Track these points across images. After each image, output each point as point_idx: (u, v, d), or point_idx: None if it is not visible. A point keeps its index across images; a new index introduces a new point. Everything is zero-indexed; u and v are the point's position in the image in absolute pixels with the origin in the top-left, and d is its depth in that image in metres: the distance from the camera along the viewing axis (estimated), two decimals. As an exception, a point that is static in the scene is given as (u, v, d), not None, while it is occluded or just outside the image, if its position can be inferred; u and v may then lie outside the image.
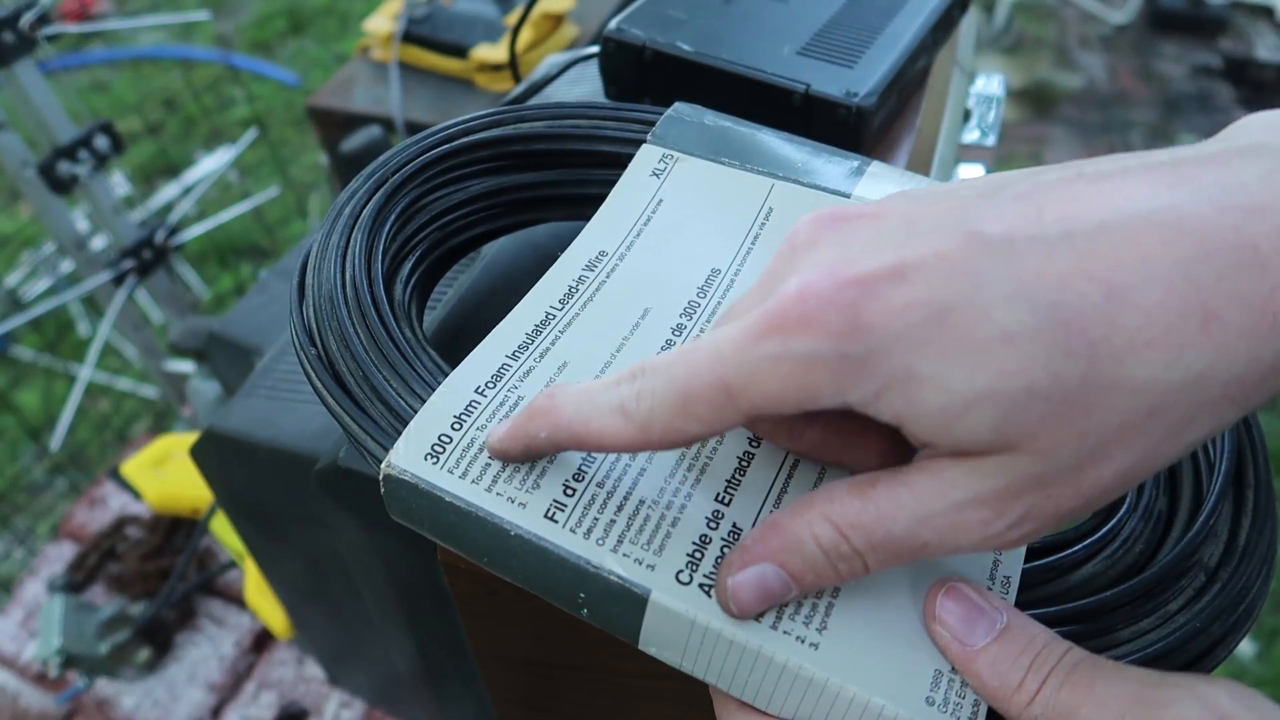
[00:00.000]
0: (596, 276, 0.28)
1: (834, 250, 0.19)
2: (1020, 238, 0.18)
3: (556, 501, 0.23)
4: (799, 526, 0.20)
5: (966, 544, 0.19)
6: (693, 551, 0.22)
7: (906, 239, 0.18)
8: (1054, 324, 0.17)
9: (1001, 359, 0.17)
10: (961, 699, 0.20)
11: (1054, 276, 0.17)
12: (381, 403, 0.25)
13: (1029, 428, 0.17)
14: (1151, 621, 0.22)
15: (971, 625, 0.21)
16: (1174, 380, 0.17)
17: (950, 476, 0.19)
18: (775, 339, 0.18)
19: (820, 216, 0.20)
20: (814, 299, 0.18)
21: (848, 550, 0.20)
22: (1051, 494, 0.18)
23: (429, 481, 0.23)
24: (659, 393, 0.20)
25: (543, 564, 0.22)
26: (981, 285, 0.17)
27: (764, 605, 0.21)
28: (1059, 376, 0.17)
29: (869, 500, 0.19)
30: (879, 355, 0.18)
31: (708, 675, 0.22)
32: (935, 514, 0.19)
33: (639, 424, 0.20)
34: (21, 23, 0.87)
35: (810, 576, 0.20)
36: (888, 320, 0.18)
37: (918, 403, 0.18)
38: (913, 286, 0.18)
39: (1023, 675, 0.20)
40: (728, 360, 0.19)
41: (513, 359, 0.26)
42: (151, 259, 1.07)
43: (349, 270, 0.28)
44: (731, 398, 0.19)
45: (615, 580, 0.21)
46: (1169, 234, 0.17)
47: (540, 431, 0.22)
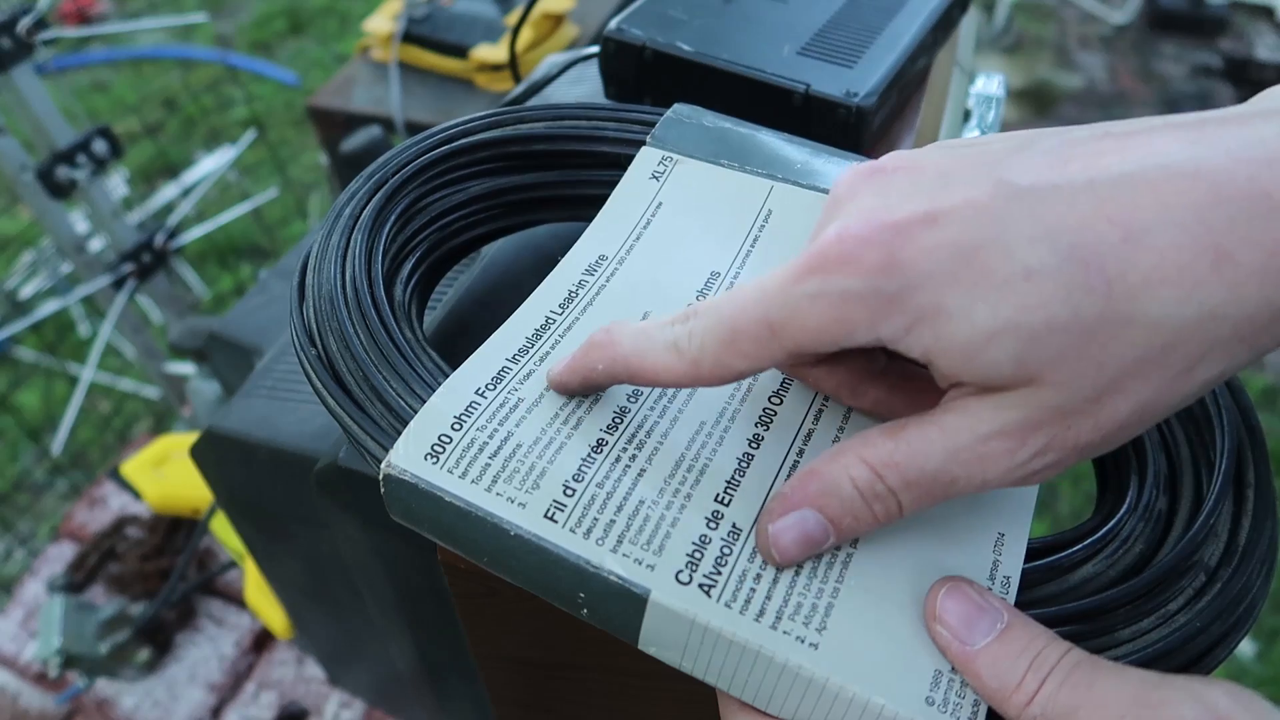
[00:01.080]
0: (596, 281, 0.28)
1: (872, 199, 0.20)
2: (1045, 186, 0.19)
3: (556, 501, 0.23)
4: (835, 470, 0.21)
5: (994, 476, 0.20)
6: (693, 552, 0.22)
7: (940, 188, 0.20)
8: (1074, 263, 0.18)
9: (1023, 294, 0.18)
10: (961, 699, 0.20)
11: (1075, 220, 0.18)
12: (381, 403, 0.25)
13: (1048, 360, 0.18)
14: (1151, 621, 0.22)
15: (972, 625, 0.21)
16: (1187, 317, 0.18)
17: (976, 412, 0.20)
18: (815, 278, 0.20)
19: (860, 170, 0.21)
20: (852, 240, 0.19)
21: (883, 490, 0.21)
22: (1071, 425, 0.19)
23: (429, 481, 0.23)
24: (709, 330, 0.22)
25: (542, 564, 0.22)
26: (1007, 228, 0.18)
27: (805, 552, 0.22)
28: (1077, 311, 0.18)
29: (901, 440, 0.20)
30: (910, 291, 0.19)
31: (707, 675, 0.22)
32: (963, 448, 0.20)
33: (690, 359, 0.22)
34: (19, 28, 0.87)
35: (848, 520, 0.21)
36: (919, 259, 0.19)
37: (945, 336, 0.19)
38: (944, 229, 0.19)
39: (1022, 675, 0.20)
40: (771, 298, 0.20)
41: (513, 362, 0.26)
42: (151, 262, 1.07)
43: (349, 271, 0.28)
44: (774, 333, 0.20)
45: (615, 580, 0.21)
46: (1186, 182, 0.18)
47: (598, 364, 0.24)
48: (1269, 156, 0.18)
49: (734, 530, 0.22)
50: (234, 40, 2.45)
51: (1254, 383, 1.54)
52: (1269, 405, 1.52)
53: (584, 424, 0.24)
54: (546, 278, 0.29)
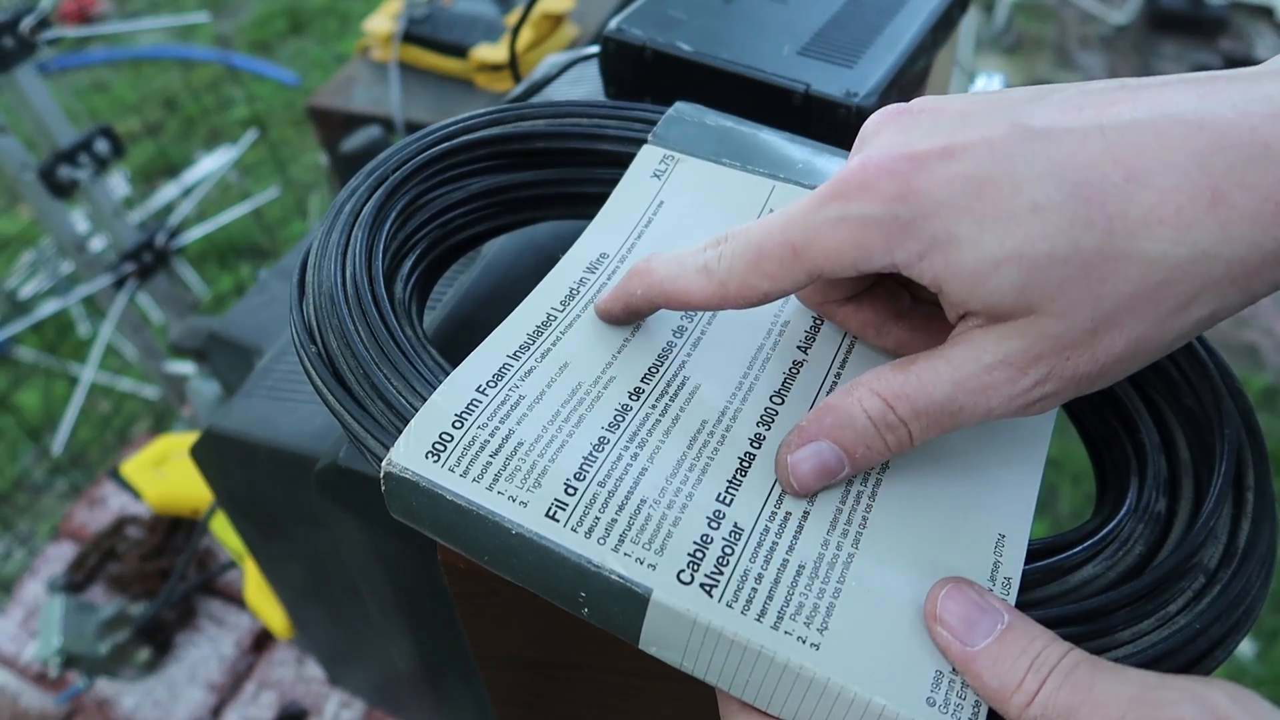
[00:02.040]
0: (598, 278, 0.28)
1: (895, 135, 0.22)
2: (1058, 129, 0.20)
3: (558, 500, 0.23)
4: (850, 403, 0.22)
5: (997, 405, 0.21)
6: (694, 551, 0.22)
7: (960, 127, 0.21)
8: (1078, 199, 0.19)
9: (1028, 227, 0.19)
10: (962, 699, 0.20)
11: (1083, 159, 0.19)
12: (382, 401, 0.25)
13: (1049, 291, 0.20)
14: (1152, 623, 0.22)
15: (972, 626, 0.21)
16: (1181, 256, 0.19)
17: (981, 343, 0.21)
18: (837, 203, 0.21)
19: (888, 110, 0.23)
20: (873, 169, 0.21)
21: (894, 420, 0.22)
22: (1070, 356, 0.20)
23: (430, 480, 0.23)
24: (737, 252, 0.23)
25: (544, 563, 0.22)
26: (1018, 165, 0.20)
27: (821, 481, 0.23)
28: (1078, 245, 0.19)
29: (911, 373, 0.22)
30: (924, 219, 0.20)
31: (708, 675, 0.22)
32: (969, 378, 0.21)
33: (719, 280, 0.23)
34: (21, 27, 0.87)
35: (861, 450, 0.22)
36: (934, 189, 0.20)
37: (954, 263, 0.20)
38: (959, 163, 0.20)
39: (1022, 676, 0.20)
40: (795, 222, 0.22)
41: (514, 359, 0.26)
42: (152, 262, 1.07)
43: (349, 268, 0.28)
44: (797, 255, 0.22)
45: (616, 579, 0.21)
46: (1191, 130, 0.19)
47: (637, 289, 0.25)
48: (1273, 112, 0.18)
49: (736, 530, 0.22)
50: (234, 40, 2.45)
51: (1254, 383, 1.54)
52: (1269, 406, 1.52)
53: (586, 421, 0.24)
54: (548, 275, 0.29)
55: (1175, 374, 0.27)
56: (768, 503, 0.23)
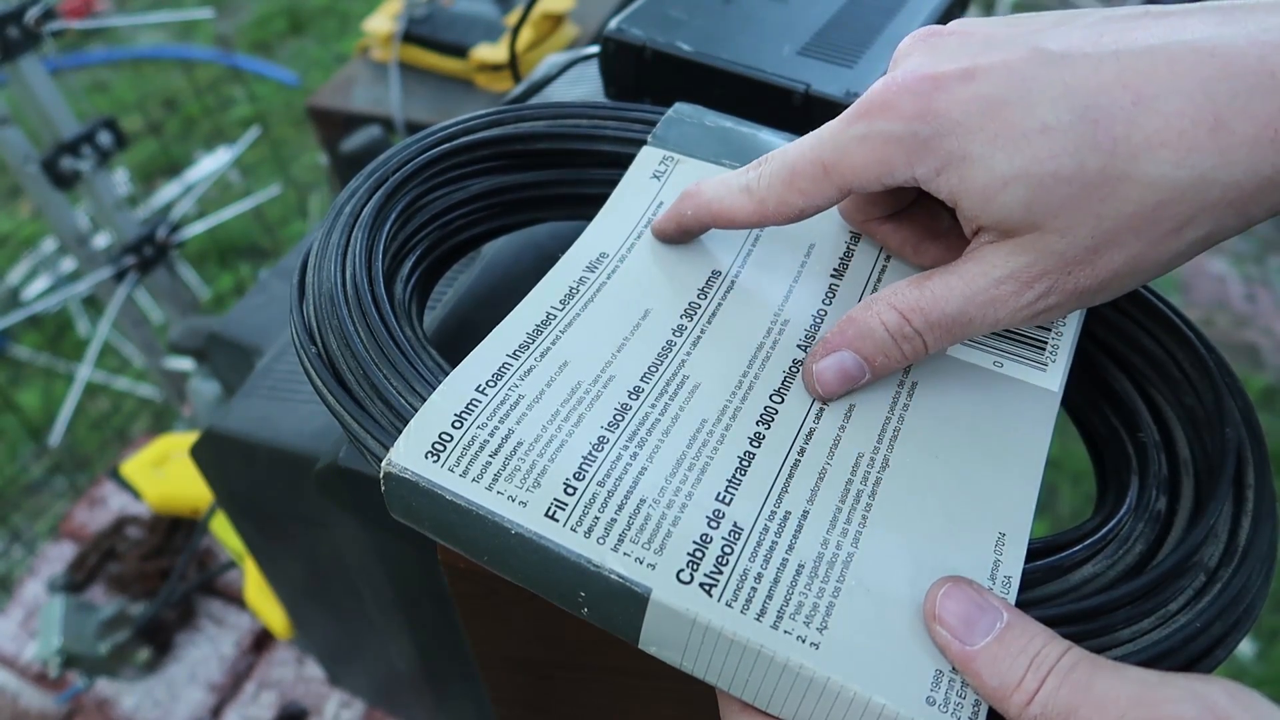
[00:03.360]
0: (597, 277, 0.28)
1: (922, 57, 0.23)
2: (1076, 53, 0.21)
3: (557, 500, 0.23)
4: (869, 316, 0.24)
5: (1004, 316, 0.23)
6: (694, 551, 0.22)
7: (983, 50, 0.22)
8: (1086, 121, 0.20)
9: (1037, 147, 0.21)
10: (962, 699, 0.20)
11: (1095, 84, 0.20)
12: (382, 401, 0.25)
13: (1053, 208, 0.21)
14: (1152, 622, 0.22)
15: (971, 625, 0.21)
16: (1181, 178, 0.20)
17: (990, 259, 0.22)
18: (862, 122, 0.23)
19: (919, 33, 0.24)
20: (896, 89, 0.22)
21: (910, 331, 0.24)
22: (1072, 271, 0.22)
23: (429, 480, 0.23)
24: (774, 172, 0.25)
25: (543, 563, 0.22)
26: (1033, 87, 0.21)
27: (844, 387, 0.25)
28: (1083, 165, 0.20)
29: (925, 288, 0.23)
30: (942, 136, 0.21)
31: (708, 675, 0.22)
32: (979, 291, 0.23)
33: (759, 198, 0.25)
34: (26, 18, 0.87)
35: (880, 358, 0.24)
36: (952, 109, 0.21)
37: (968, 179, 0.21)
38: (977, 84, 0.21)
39: (1022, 674, 0.20)
40: (825, 142, 0.24)
41: (513, 358, 0.26)
42: (153, 255, 1.07)
43: (349, 269, 0.28)
44: (827, 172, 0.24)
45: (616, 579, 0.21)
46: (1201, 57, 0.20)
47: (687, 210, 0.28)
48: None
49: (735, 530, 0.22)
50: (234, 40, 2.45)
51: (1254, 383, 1.54)
52: (1269, 406, 1.52)
53: (585, 420, 0.24)
54: (548, 274, 0.29)
55: (1176, 372, 0.27)
56: (767, 502, 0.23)
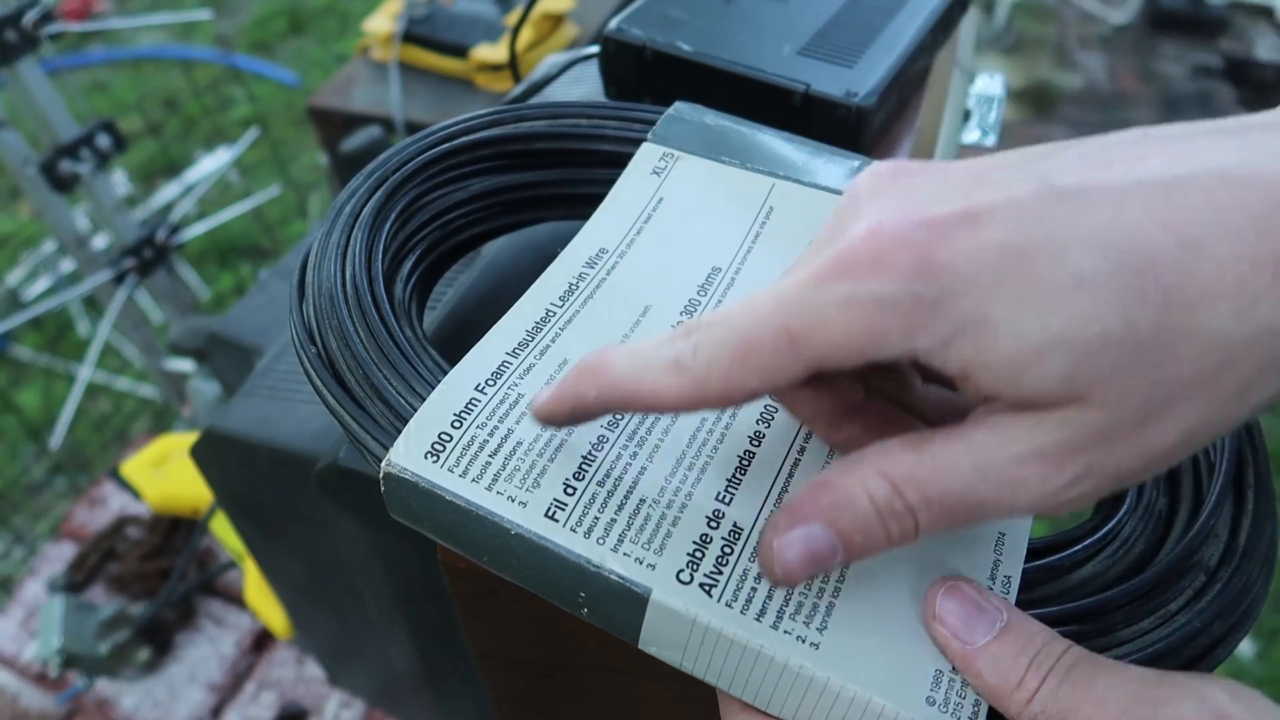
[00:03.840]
0: (597, 274, 0.28)
1: (900, 198, 0.19)
2: (1092, 188, 0.17)
3: (557, 500, 0.23)
4: (851, 482, 0.19)
5: (1025, 501, 0.18)
6: (694, 551, 0.22)
7: (976, 187, 0.18)
8: (1128, 270, 0.17)
9: (1076, 304, 0.17)
10: (962, 699, 0.20)
11: (1127, 224, 0.17)
12: (381, 401, 0.25)
13: (1100, 377, 0.17)
14: (1152, 621, 0.22)
15: (971, 624, 0.21)
16: (1244, 333, 0.17)
17: (1011, 430, 0.18)
18: (845, 281, 0.18)
19: (881, 169, 0.20)
20: (886, 239, 0.18)
21: (900, 507, 0.19)
22: (1114, 450, 0.18)
23: (429, 480, 0.23)
24: (717, 344, 0.19)
25: (543, 563, 0.22)
26: (1055, 231, 0.17)
27: (810, 570, 0.20)
28: (1133, 323, 0.17)
29: (924, 454, 0.19)
30: (952, 298, 0.17)
31: (708, 675, 0.22)
32: (994, 468, 0.18)
33: (695, 379, 0.20)
34: (24, 21, 0.87)
35: (859, 537, 0.19)
36: (961, 261, 0.17)
37: (988, 349, 0.17)
38: (986, 229, 0.17)
39: (1022, 673, 0.20)
40: (792, 304, 0.18)
41: (513, 356, 0.26)
42: (152, 257, 1.07)
43: (349, 269, 0.28)
44: (794, 345, 0.18)
45: (615, 579, 0.21)
46: (1240, 188, 0.17)
47: (590, 391, 0.21)
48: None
49: (735, 530, 0.22)
50: (234, 40, 2.45)
51: (1254, 383, 1.54)
52: (1269, 405, 1.51)
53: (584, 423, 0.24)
54: (546, 270, 0.29)
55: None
56: (767, 502, 0.23)
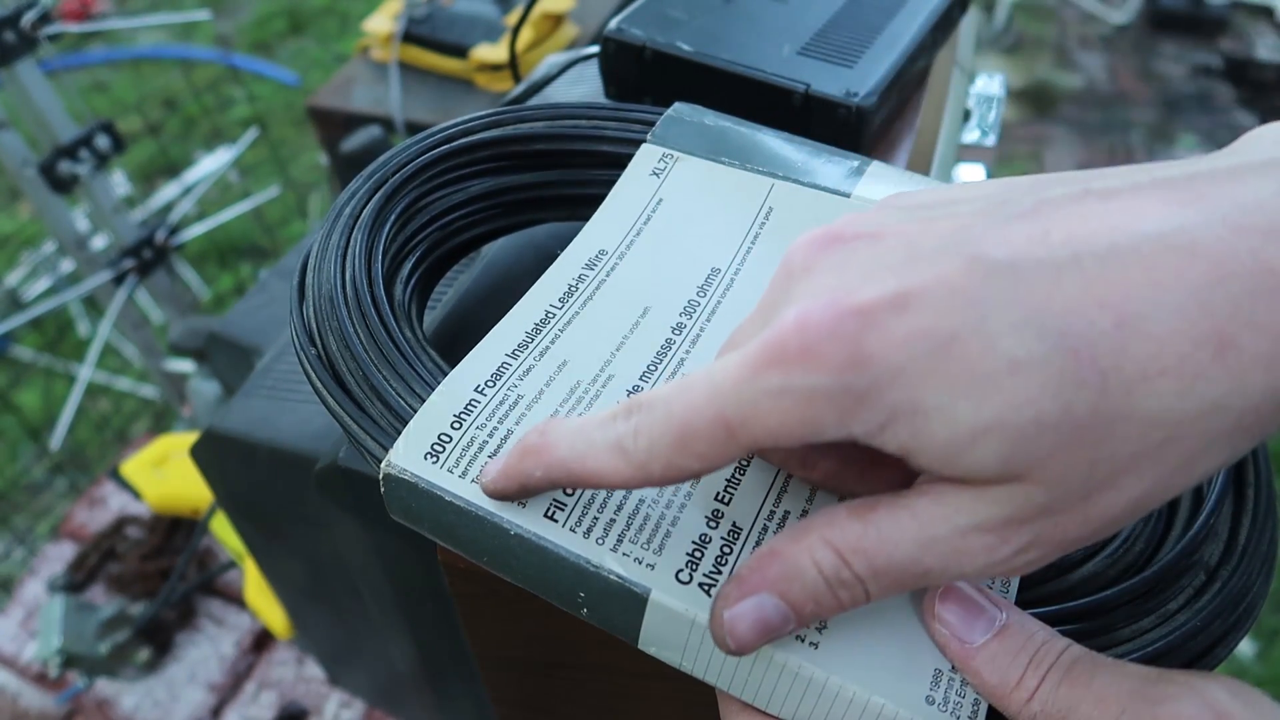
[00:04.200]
0: (596, 275, 0.28)
1: (832, 276, 0.18)
2: (1026, 262, 0.17)
3: (556, 501, 0.23)
4: (798, 552, 0.20)
5: (971, 570, 0.18)
6: (693, 551, 0.22)
7: (906, 263, 0.18)
8: (1063, 353, 0.16)
9: (1009, 390, 0.17)
10: (962, 698, 0.20)
11: (1062, 303, 0.17)
12: (381, 402, 0.25)
13: (1038, 459, 0.17)
14: (1152, 620, 0.22)
15: (970, 623, 0.21)
16: (1188, 410, 0.16)
17: (954, 502, 0.18)
18: (775, 373, 0.18)
19: (815, 239, 0.20)
20: (813, 330, 0.17)
21: (849, 576, 0.19)
22: (1059, 522, 0.18)
23: (428, 481, 0.23)
24: (656, 430, 0.19)
25: (542, 563, 0.22)
26: (987, 314, 0.17)
27: (762, 640, 0.20)
28: (1069, 407, 0.16)
29: (870, 524, 0.19)
30: (882, 387, 0.17)
31: (707, 675, 0.22)
32: (938, 539, 0.18)
33: (637, 463, 0.20)
34: (23, 22, 0.87)
35: (810, 606, 0.20)
36: (890, 351, 0.17)
37: (924, 435, 0.17)
38: (915, 316, 0.17)
39: (1022, 672, 0.20)
40: (726, 395, 0.18)
41: (512, 357, 0.26)
42: (152, 258, 1.07)
43: (349, 270, 0.28)
44: (731, 433, 0.19)
45: (615, 579, 0.21)
46: (1182, 258, 0.16)
47: (535, 470, 0.22)
48: (1270, 225, 0.16)
49: (734, 529, 0.22)
50: (234, 40, 2.45)
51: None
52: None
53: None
54: (546, 272, 0.29)
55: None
56: (766, 501, 0.23)
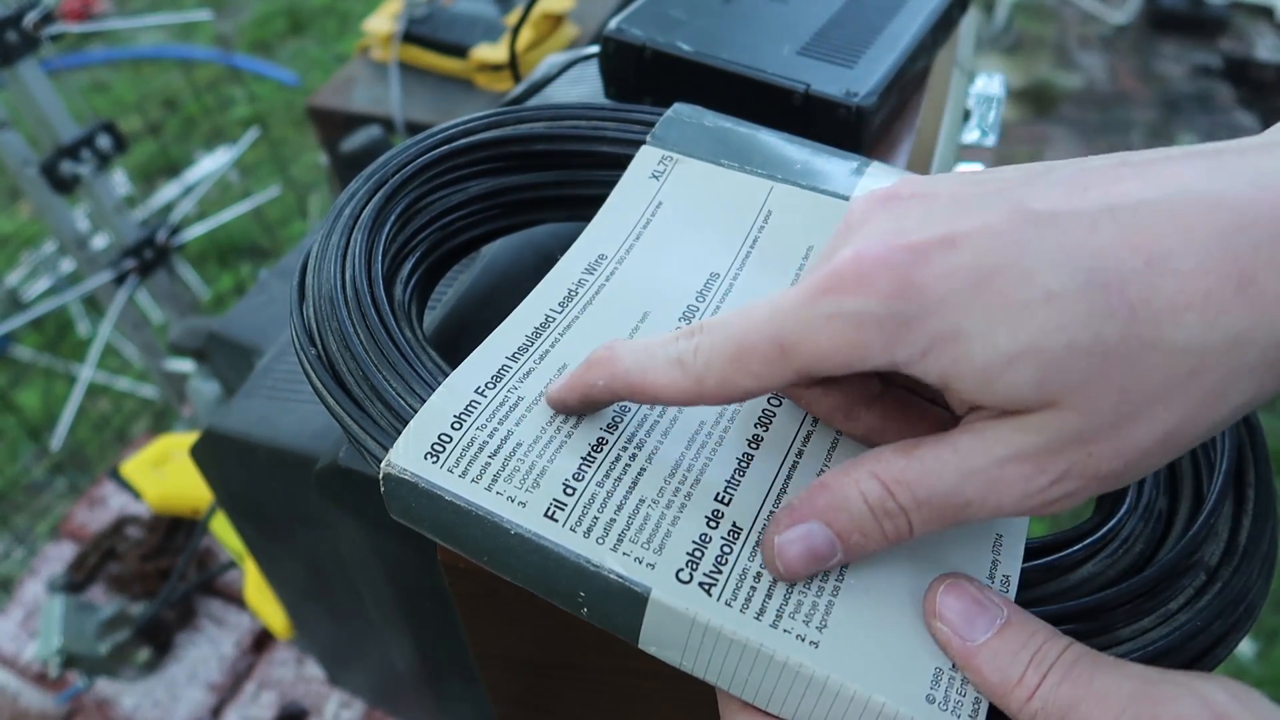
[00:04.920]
0: (596, 280, 0.28)
1: (888, 224, 0.20)
2: (1064, 211, 0.19)
3: (556, 500, 0.23)
4: (846, 484, 0.21)
5: (1009, 502, 0.19)
6: (693, 550, 0.22)
7: (956, 214, 0.19)
8: (1094, 286, 0.18)
9: (1043, 318, 0.18)
10: (962, 696, 0.20)
11: (1096, 245, 0.18)
12: (381, 403, 0.25)
13: (1070, 384, 0.18)
14: (1152, 620, 0.22)
15: (972, 621, 0.21)
16: (1213, 342, 0.17)
17: (993, 434, 0.19)
18: (830, 298, 0.19)
19: (874, 196, 0.21)
20: (869, 262, 0.19)
21: (893, 507, 0.20)
22: (1093, 452, 0.19)
23: (429, 481, 0.23)
24: (716, 346, 0.21)
25: (542, 563, 0.22)
26: (1025, 252, 0.18)
27: (810, 568, 0.21)
28: (1099, 334, 0.18)
29: (914, 458, 0.20)
30: (927, 315, 0.19)
31: (708, 674, 0.22)
32: (978, 470, 0.19)
33: (695, 376, 0.21)
34: (25, 22, 0.87)
35: (856, 535, 0.21)
36: (936, 283, 0.19)
37: (963, 359, 0.19)
38: (961, 253, 0.19)
39: (1023, 670, 0.20)
40: (784, 317, 0.20)
41: (513, 360, 0.26)
42: (153, 258, 1.07)
43: (349, 270, 0.28)
44: (784, 353, 0.20)
45: (615, 579, 0.21)
46: (1208, 209, 0.18)
47: (598, 380, 0.23)
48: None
49: (734, 529, 0.22)
50: (234, 40, 2.45)
51: (1254, 383, 1.54)
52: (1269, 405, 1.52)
53: (584, 422, 0.24)
54: (546, 276, 0.29)
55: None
56: (766, 502, 0.23)
